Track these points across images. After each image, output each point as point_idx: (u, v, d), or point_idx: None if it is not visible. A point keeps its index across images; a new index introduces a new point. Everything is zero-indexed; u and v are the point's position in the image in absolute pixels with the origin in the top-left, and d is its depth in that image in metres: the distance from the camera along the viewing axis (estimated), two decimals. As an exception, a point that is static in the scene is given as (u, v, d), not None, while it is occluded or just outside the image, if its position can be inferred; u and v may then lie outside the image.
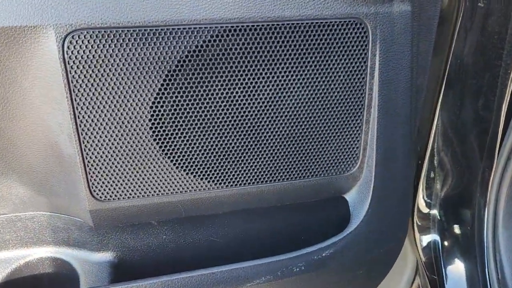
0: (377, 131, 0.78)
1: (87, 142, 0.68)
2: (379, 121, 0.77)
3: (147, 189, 0.74)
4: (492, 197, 0.90)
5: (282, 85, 0.72)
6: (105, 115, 0.67)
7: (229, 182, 0.77)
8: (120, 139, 0.69)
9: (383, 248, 0.91)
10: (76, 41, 0.61)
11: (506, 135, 0.83)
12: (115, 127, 0.68)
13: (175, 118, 0.69)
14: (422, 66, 0.80)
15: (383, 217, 0.87)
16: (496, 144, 0.85)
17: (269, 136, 0.75)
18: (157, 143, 0.71)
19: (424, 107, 0.91)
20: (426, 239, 1.08)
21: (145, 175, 0.73)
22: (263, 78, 0.70)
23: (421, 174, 1.03)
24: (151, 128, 0.69)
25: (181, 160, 0.73)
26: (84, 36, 0.61)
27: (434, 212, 1.06)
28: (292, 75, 0.71)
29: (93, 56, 0.62)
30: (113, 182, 0.72)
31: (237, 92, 0.70)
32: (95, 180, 0.71)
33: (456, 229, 1.04)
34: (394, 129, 0.79)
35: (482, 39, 0.83)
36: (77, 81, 0.63)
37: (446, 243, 1.06)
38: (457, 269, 1.03)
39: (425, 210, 1.07)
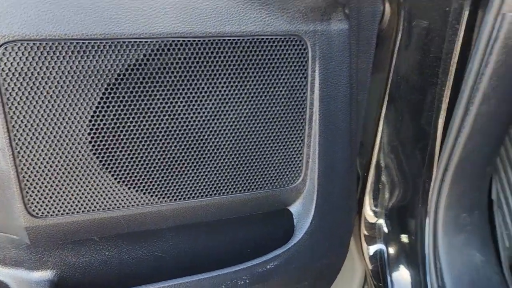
0: (318, 144, 0.80)
1: (22, 156, 0.65)
2: (320, 135, 0.79)
3: (87, 204, 0.72)
4: (432, 207, 0.93)
5: (224, 99, 0.72)
6: (41, 129, 0.65)
7: (172, 196, 0.76)
8: (57, 154, 0.67)
9: (327, 259, 0.93)
10: (9, 53, 0.59)
11: (443, 148, 0.86)
12: (52, 141, 0.66)
13: (116, 132, 0.68)
14: (362, 83, 0.83)
15: (326, 228, 0.89)
16: (435, 157, 0.88)
17: (212, 149, 0.75)
18: (97, 157, 0.69)
19: (367, 121, 0.94)
20: (372, 248, 1.10)
21: (84, 190, 0.71)
22: (205, 92, 0.71)
23: (366, 186, 1.06)
24: (90, 142, 0.68)
25: (123, 174, 0.72)
26: (18, 48, 0.60)
27: (381, 222, 1.08)
28: (233, 90, 0.72)
29: (28, 68, 0.61)
30: (50, 197, 0.70)
31: (178, 106, 0.70)
32: (31, 196, 0.69)
33: (401, 238, 1.05)
34: (335, 142, 0.81)
35: (420, 58, 0.87)
36: (10, 94, 0.61)
37: (391, 252, 1.08)
38: (401, 277, 1.05)
39: (372, 220, 1.09)
